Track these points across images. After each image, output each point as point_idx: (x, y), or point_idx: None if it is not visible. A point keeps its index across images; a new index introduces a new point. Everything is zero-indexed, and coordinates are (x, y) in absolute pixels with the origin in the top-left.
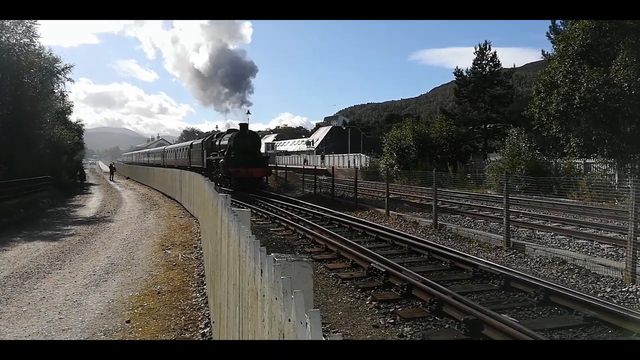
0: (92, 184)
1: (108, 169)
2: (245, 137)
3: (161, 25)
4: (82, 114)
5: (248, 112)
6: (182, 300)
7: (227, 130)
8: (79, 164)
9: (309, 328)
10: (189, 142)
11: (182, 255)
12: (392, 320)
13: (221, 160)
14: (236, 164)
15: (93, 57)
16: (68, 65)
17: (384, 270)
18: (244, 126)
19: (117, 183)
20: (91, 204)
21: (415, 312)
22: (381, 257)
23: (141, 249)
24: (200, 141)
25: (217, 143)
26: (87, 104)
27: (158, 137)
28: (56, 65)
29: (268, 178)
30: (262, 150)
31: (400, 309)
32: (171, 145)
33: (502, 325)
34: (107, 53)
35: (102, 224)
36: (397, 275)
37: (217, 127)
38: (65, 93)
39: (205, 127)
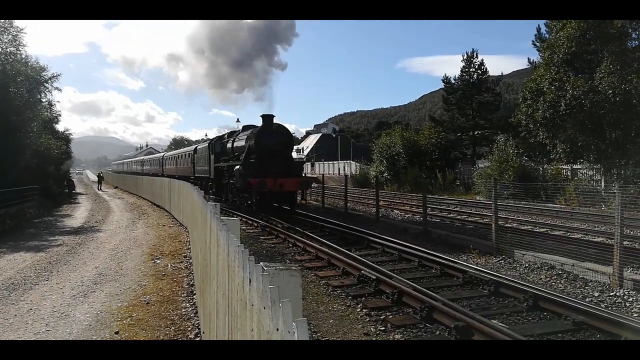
0: (80, 194)
1: (96, 178)
2: (271, 134)
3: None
4: (68, 122)
5: (237, 120)
6: (172, 310)
7: (243, 127)
8: (66, 174)
9: (296, 337)
10: (192, 147)
11: (171, 265)
12: (383, 328)
13: (237, 167)
14: (259, 172)
15: (78, 65)
16: (55, 74)
17: (374, 277)
18: (268, 119)
19: (106, 192)
20: (79, 213)
21: (406, 319)
22: (372, 264)
23: (130, 258)
24: (206, 144)
25: (229, 145)
26: (73, 112)
27: (147, 145)
28: (43, 74)
29: (304, 192)
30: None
31: (391, 316)
32: (171, 152)
33: (491, 331)
34: (92, 62)
35: (90, 233)
36: (387, 282)
37: (206, 135)
38: (52, 102)
39: (194, 135)
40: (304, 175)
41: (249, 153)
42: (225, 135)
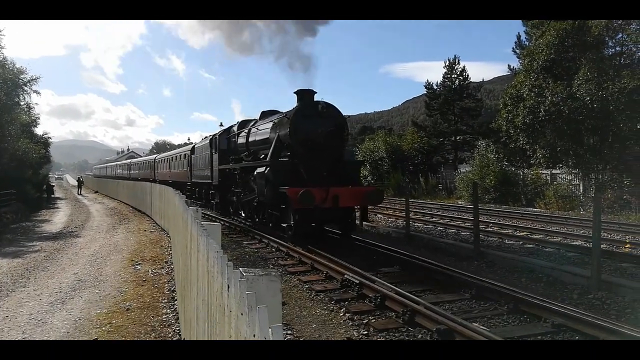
0: (59, 198)
1: (76, 183)
2: (315, 119)
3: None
4: (47, 126)
5: (221, 124)
6: (152, 317)
7: (262, 114)
8: (45, 178)
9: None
10: (189, 146)
11: (152, 271)
12: (365, 332)
13: (259, 169)
14: (298, 177)
15: (55, 68)
16: (34, 77)
17: (357, 281)
18: (307, 94)
19: (86, 197)
20: (58, 219)
21: (388, 323)
22: (355, 268)
23: (110, 264)
24: (206, 141)
25: (241, 140)
26: (52, 115)
27: (128, 149)
28: (22, 77)
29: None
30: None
31: (373, 320)
32: (165, 154)
33: (472, 334)
34: (70, 64)
35: (69, 239)
36: (370, 286)
37: (189, 139)
38: (31, 105)
39: (176, 139)
40: (361, 183)
41: (278, 148)
42: (235, 127)
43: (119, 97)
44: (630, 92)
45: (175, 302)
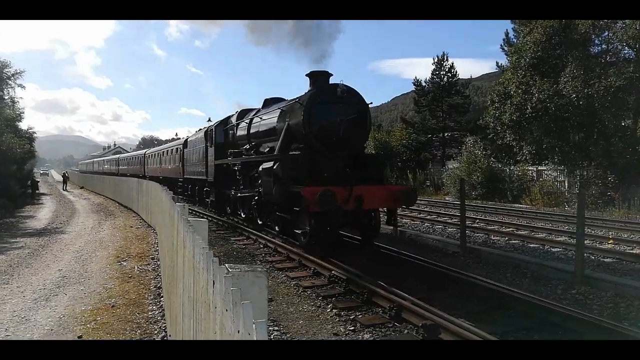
0: (44, 194)
1: (61, 178)
2: (332, 104)
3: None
4: (32, 121)
5: (209, 119)
6: (138, 313)
7: (265, 101)
8: (30, 174)
9: (254, 338)
10: (181, 140)
11: (138, 267)
12: (352, 328)
13: (265, 165)
14: (313, 174)
15: (40, 62)
16: (19, 71)
17: (344, 277)
18: (322, 77)
19: (71, 193)
20: (42, 214)
21: (375, 319)
22: (342, 265)
23: (95, 261)
24: (200, 134)
25: (241, 131)
26: (37, 110)
27: (114, 144)
28: (6, 70)
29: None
30: None
31: (360, 316)
32: (155, 148)
33: (458, 329)
34: (54, 58)
35: (54, 235)
36: (357, 282)
37: (176, 134)
38: (15, 99)
39: (163, 134)
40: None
41: (288, 140)
42: (233, 118)
43: (104, 91)
44: (616, 90)
45: (162, 298)
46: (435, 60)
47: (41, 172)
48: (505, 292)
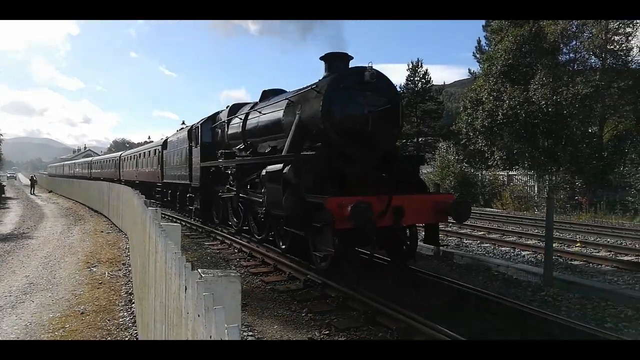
0: (10, 198)
1: (29, 182)
2: (357, 91)
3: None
4: None
5: (183, 122)
6: (108, 320)
7: (263, 93)
8: None
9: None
10: (160, 140)
11: (109, 273)
12: (327, 332)
13: (270, 168)
14: (334, 179)
15: (8, 61)
16: None
17: (320, 282)
18: (341, 59)
19: (39, 197)
20: (8, 219)
21: (350, 322)
22: (318, 269)
23: (64, 267)
24: (184, 133)
25: (233, 129)
26: (3, 111)
27: (85, 147)
28: None
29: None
30: None
31: (335, 320)
32: (131, 150)
33: (432, 332)
34: (22, 59)
35: (21, 240)
36: (332, 286)
37: (149, 137)
38: None
39: (136, 137)
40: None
41: (300, 136)
42: (223, 114)
43: (75, 93)
44: (583, 97)
45: (133, 304)
46: (410, 67)
47: (8, 175)
48: (477, 294)
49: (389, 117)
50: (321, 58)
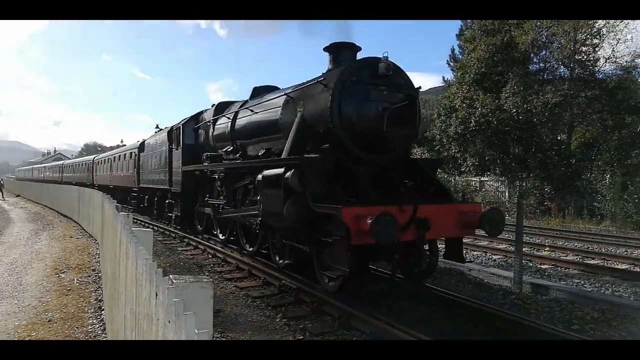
0: None
1: None
2: (370, 85)
3: None
4: None
5: (157, 126)
6: (77, 328)
7: (254, 90)
8: None
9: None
10: (136, 143)
11: (78, 279)
12: (301, 337)
13: (268, 172)
14: (346, 186)
15: None
16: None
17: (295, 287)
18: (349, 49)
19: (6, 201)
20: None
21: (324, 327)
22: (292, 274)
23: (31, 273)
24: (163, 134)
25: (219, 130)
26: None
27: (55, 151)
28: None
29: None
30: None
31: (310, 325)
32: (105, 154)
33: (406, 336)
34: None
35: None
36: (307, 291)
37: (122, 141)
38: None
39: (108, 141)
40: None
41: (302, 136)
42: (207, 114)
43: (45, 94)
44: (552, 106)
45: (103, 312)
46: None
47: None
48: (451, 298)
49: (406, 116)
50: (325, 49)
